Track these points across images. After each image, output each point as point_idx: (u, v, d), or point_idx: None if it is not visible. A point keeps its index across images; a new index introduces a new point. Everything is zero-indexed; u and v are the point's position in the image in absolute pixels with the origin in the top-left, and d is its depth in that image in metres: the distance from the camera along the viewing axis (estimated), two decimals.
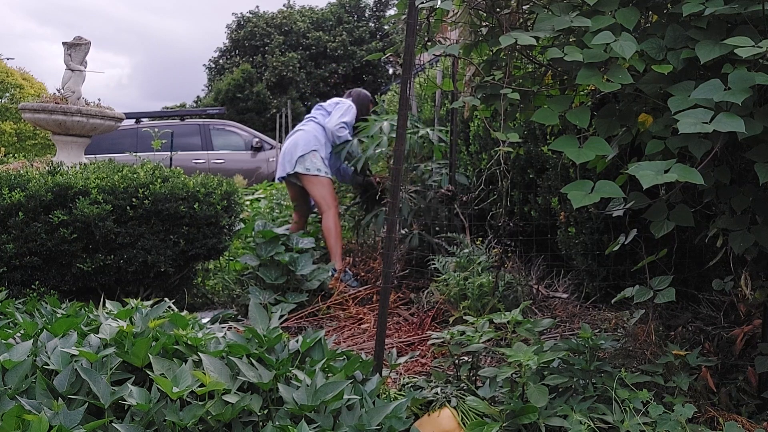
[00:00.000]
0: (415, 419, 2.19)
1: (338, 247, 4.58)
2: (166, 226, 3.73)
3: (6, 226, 3.42)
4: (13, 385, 1.89)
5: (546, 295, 3.78)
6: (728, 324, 2.90)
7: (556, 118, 2.08)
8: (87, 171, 3.85)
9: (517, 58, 2.68)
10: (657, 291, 2.33)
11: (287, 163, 4.75)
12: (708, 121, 1.76)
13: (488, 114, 2.82)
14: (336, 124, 4.72)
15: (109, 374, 1.94)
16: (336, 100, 5.02)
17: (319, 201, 4.68)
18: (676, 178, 1.74)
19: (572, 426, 2.00)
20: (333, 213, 4.62)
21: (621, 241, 2.74)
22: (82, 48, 5.28)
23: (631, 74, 2.02)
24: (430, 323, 3.55)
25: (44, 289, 3.46)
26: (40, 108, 5.03)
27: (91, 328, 2.35)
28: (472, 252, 3.74)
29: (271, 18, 26.65)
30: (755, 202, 2.17)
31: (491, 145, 4.59)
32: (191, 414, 1.80)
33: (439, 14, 2.66)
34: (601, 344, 2.39)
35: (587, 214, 3.68)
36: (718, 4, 1.88)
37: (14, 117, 11.33)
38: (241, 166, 10.70)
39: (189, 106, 28.27)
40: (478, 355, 2.52)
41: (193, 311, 3.71)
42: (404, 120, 2.44)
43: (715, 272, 3.00)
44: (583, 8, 2.12)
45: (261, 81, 24.44)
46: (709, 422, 2.24)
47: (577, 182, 1.94)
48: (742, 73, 1.82)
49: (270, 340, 2.24)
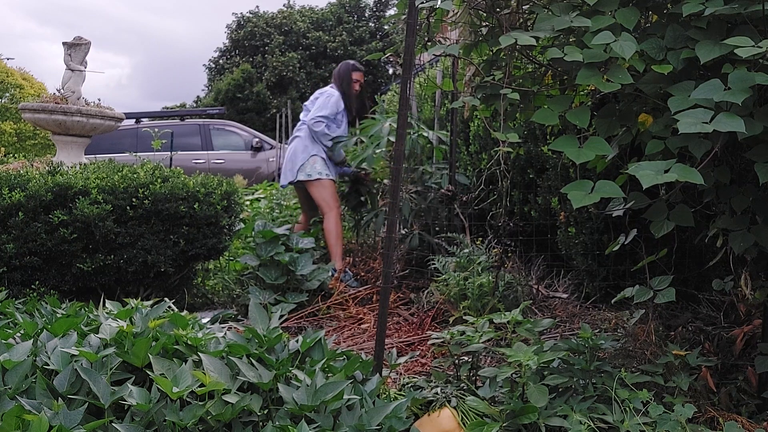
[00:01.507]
0: (415, 419, 2.19)
1: (338, 248, 4.58)
2: (166, 226, 3.73)
3: (6, 226, 3.42)
4: (13, 385, 1.89)
5: (546, 295, 3.78)
6: (728, 324, 2.90)
7: (556, 118, 2.08)
8: (87, 171, 3.85)
9: (517, 58, 2.68)
10: (657, 291, 2.33)
11: (289, 171, 4.74)
12: (708, 121, 1.76)
13: (488, 114, 2.82)
14: (311, 119, 4.65)
15: (109, 374, 1.94)
16: (317, 92, 4.91)
17: (320, 203, 4.68)
18: (676, 178, 1.74)
19: (572, 426, 2.00)
20: (334, 214, 4.61)
21: (621, 241, 2.74)
22: (82, 48, 5.27)
23: (631, 74, 2.02)
24: (430, 323, 3.55)
25: (44, 289, 3.46)
26: (40, 108, 5.02)
27: (91, 328, 2.35)
28: (472, 252, 3.74)
29: (271, 18, 26.66)
30: (755, 202, 2.17)
31: (491, 145, 4.59)
32: (191, 414, 1.80)
33: (439, 14, 2.66)
34: (601, 344, 2.39)
35: (587, 214, 3.68)
36: (718, 4, 1.88)
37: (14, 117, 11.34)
38: (241, 166, 10.71)
39: (189, 106, 28.29)
40: (478, 355, 2.52)
41: (193, 311, 3.71)
42: (404, 120, 2.44)
43: (715, 272, 3.00)
44: (583, 8, 2.12)
45: (261, 81, 24.45)
46: (709, 422, 2.24)
47: (577, 182, 1.94)
48: (742, 73, 1.82)
49: (270, 340, 2.24)
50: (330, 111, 4.68)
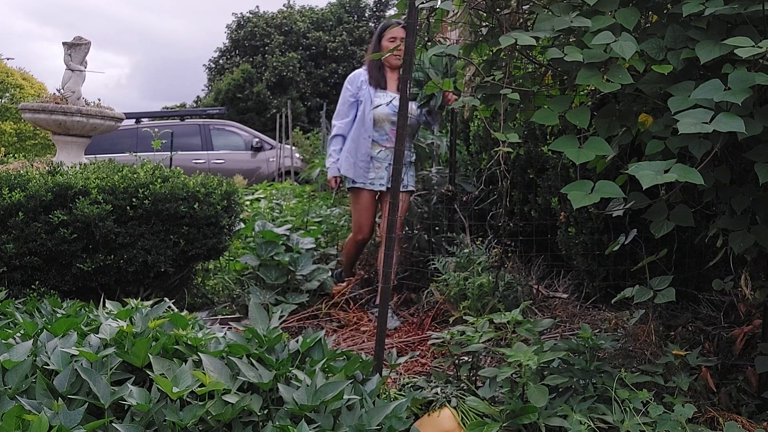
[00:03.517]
0: (415, 419, 2.19)
1: (347, 264, 4.31)
2: (166, 226, 3.73)
3: (6, 226, 3.41)
4: (13, 385, 1.89)
5: (546, 295, 3.78)
6: (728, 324, 2.90)
7: (556, 118, 2.08)
8: (87, 171, 3.85)
9: (517, 58, 2.68)
10: (657, 291, 2.33)
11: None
12: (708, 122, 1.76)
13: (488, 114, 2.82)
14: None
15: (109, 374, 1.94)
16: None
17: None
18: (676, 178, 1.74)
19: (572, 426, 2.00)
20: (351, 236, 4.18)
21: (621, 241, 2.74)
22: (82, 48, 5.27)
23: (631, 74, 2.02)
24: (430, 323, 3.55)
25: (44, 289, 3.46)
26: (40, 108, 5.02)
27: (91, 328, 2.35)
28: (472, 252, 3.74)
29: (271, 18, 26.66)
30: (755, 202, 2.17)
31: (491, 145, 4.58)
32: (191, 414, 1.80)
33: (439, 14, 2.66)
34: (601, 344, 2.39)
35: (587, 214, 3.68)
36: (718, 4, 1.88)
37: (14, 117, 11.33)
38: (241, 166, 10.71)
39: (189, 106, 28.27)
40: (478, 355, 2.52)
41: (193, 311, 3.71)
42: (404, 120, 2.44)
43: (715, 272, 3.00)
44: (583, 8, 2.12)
45: (261, 81, 24.44)
46: (709, 422, 2.24)
47: (577, 182, 1.94)
48: (742, 73, 1.82)
49: (270, 340, 2.24)
50: (339, 108, 4.04)
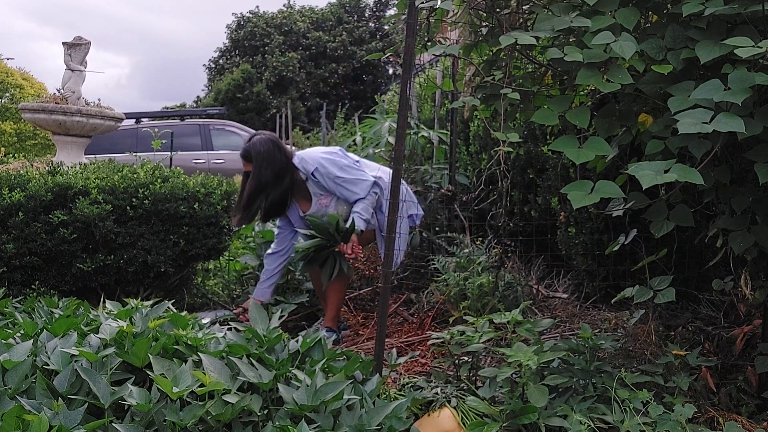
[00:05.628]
0: (415, 419, 2.19)
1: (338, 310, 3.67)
2: (166, 226, 3.73)
3: (6, 226, 3.41)
4: (13, 385, 1.89)
5: (546, 295, 3.78)
6: (728, 324, 2.90)
7: (556, 118, 2.08)
8: (87, 171, 3.84)
9: (517, 58, 2.68)
10: (657, 291, 2.33)
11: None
12: (708, 122, 1.76)
13: (488, 114, 2.82)
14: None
15: (109, 374, 1.94)
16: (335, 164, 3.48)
17: None
18: (675, 178, 1.74)
19: (572, 426, 2.00)
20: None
21: (621, 241, 2.74)
22: (82, 48, 5.28)
23: (631, 74, 2.02)
24: (430, 323, 3.55)
25: (44, 289, 3.46)
26: (40, 108, 5.02)
27: (91, 328, 2.35)
28: (472, 252, 3.74)
29: (271, 18, 26.67)
30: (755, 202, 2.17)
31: (491, 145, 4.58)
32: (191, 414, 1.80)
33: (439, 14, 2.66)
34: (601, 344, 2.39)
35: (587, 214, 3.68)
36: (718, 4, 1.88)
37: (14, 117, 11.33)
38: (241, 166, 10.69)
39: (189, 106, 28.28)
40: (478, 355, 2.52)
41: (193, 311, 3.71)
42: (404, 120, 2.44)
43: (715, 272, 3.00)
44: (583, 8, 2.12)
45: (261, 81, 24.45)
46: (709, 422, 2.24)
47: (577, 182, 1.94)
48: (742, 73, 1.82)
49: (270, 340, 2.24)
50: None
